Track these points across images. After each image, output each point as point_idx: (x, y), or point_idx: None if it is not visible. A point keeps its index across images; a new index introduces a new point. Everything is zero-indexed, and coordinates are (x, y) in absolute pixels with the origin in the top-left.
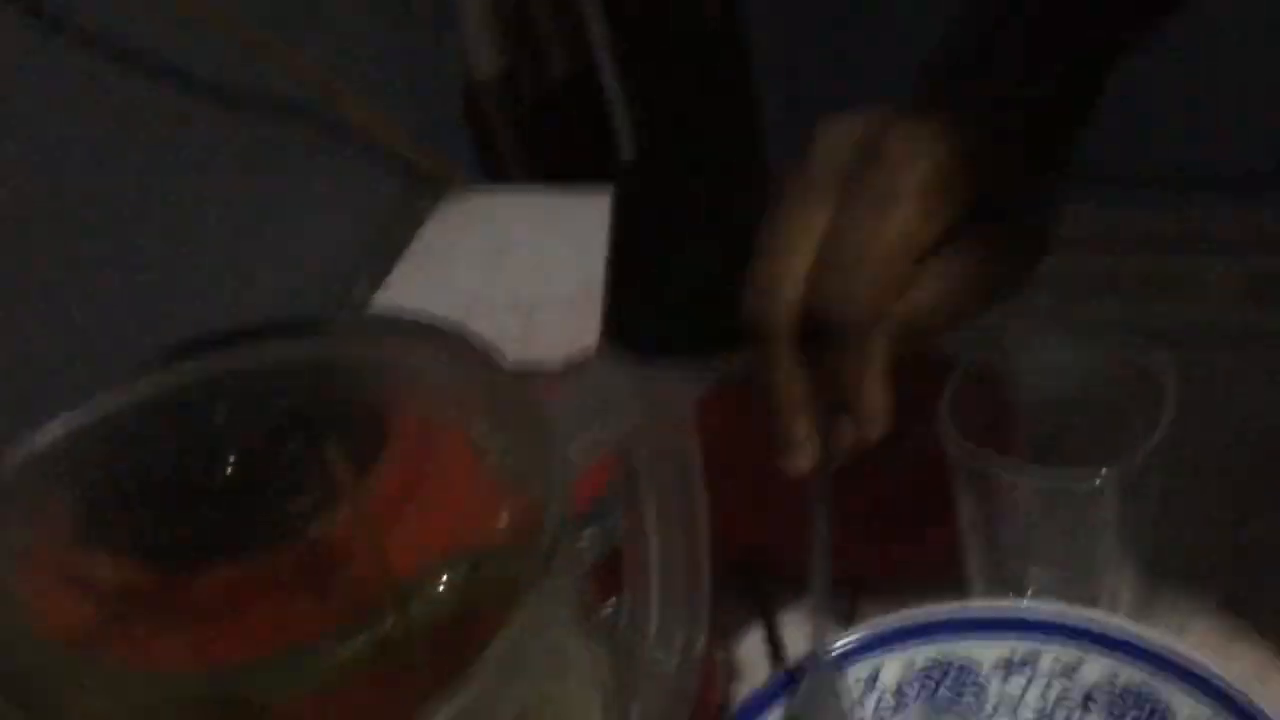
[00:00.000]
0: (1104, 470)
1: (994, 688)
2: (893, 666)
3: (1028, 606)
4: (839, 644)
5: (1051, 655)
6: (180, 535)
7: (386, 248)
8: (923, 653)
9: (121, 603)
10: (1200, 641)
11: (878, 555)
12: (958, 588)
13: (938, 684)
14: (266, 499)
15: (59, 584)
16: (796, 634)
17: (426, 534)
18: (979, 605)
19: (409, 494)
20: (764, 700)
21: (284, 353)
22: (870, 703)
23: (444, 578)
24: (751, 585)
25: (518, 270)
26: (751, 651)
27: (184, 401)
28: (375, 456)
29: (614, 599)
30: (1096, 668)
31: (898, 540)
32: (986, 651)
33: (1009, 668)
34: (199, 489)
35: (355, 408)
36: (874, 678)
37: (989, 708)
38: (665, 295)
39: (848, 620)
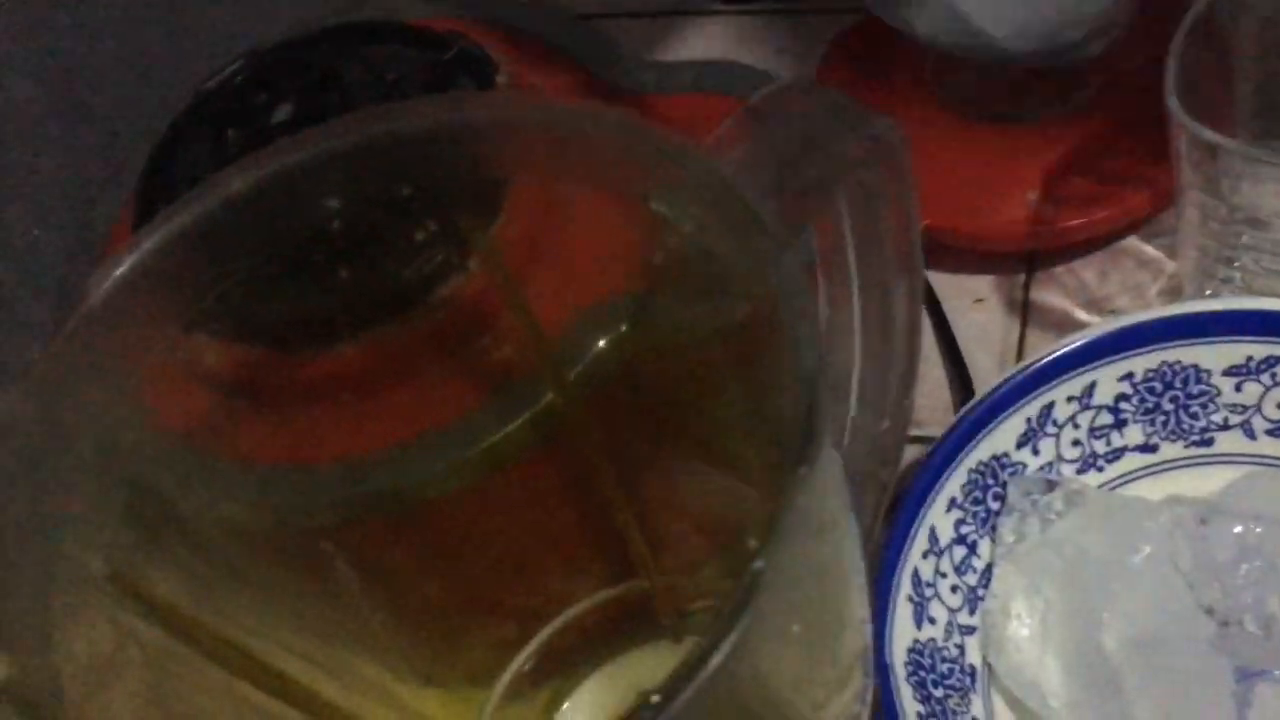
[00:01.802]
0: None
1: (1225, 396)
2: (1108, 380)
3: (1269, 304)
4: (1046, 356)
5: None
6: (297, 315)
7: None
8: (1142, 362)
9: (242, 394)
10: None
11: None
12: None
13: (1160, 397)
14: (386, 268)
15: (178, 380)
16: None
17: (571, 283)
18: (1209, 304)
19: (544, 241)
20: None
21: (394, 122)
22: (1085, 421)
23: (603, 333)
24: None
25: None
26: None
27: (283, 182)
28: (498, 212)
29: None
30: None
31: (1083, 206)
32: (1217, 357)
33: (1244, 373)
34: (311, 268)
35: (478, 173)
36: (1088, 393)
37: (1219, 419)
38: None
39: (1021, 316)
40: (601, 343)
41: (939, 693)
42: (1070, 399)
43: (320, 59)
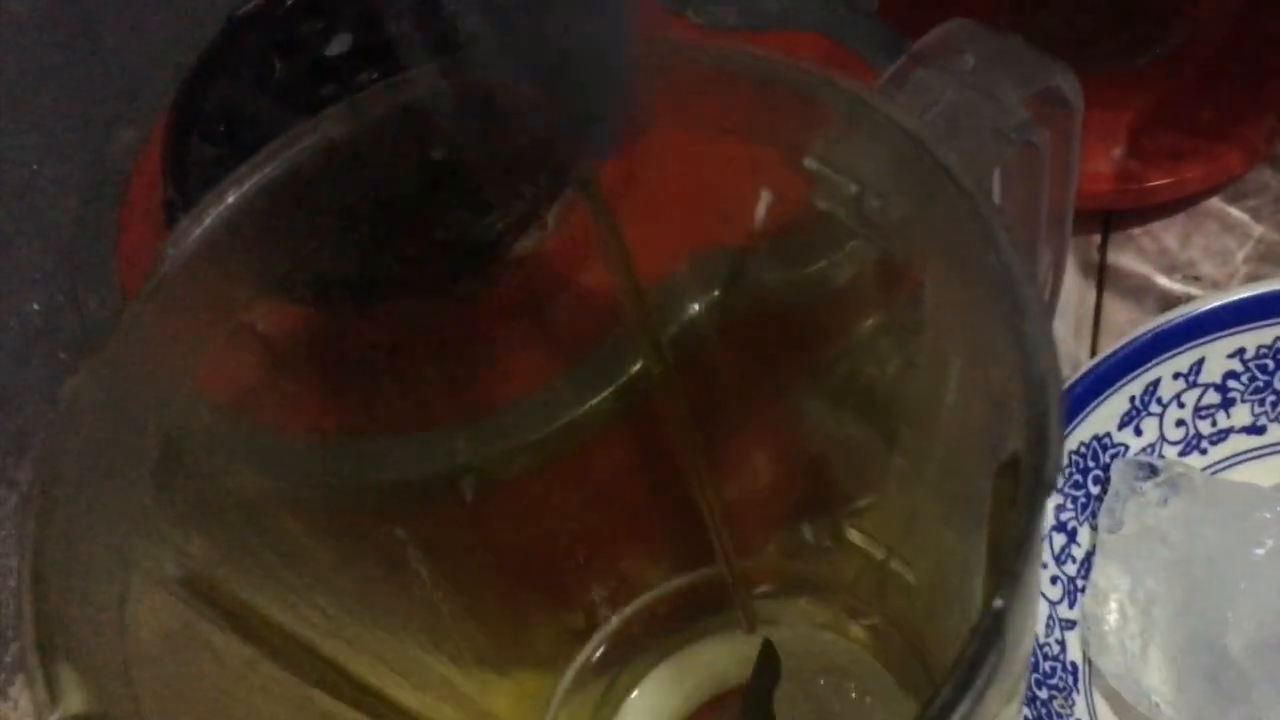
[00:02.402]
0: None
1: None
2: (1218, 356)
3: None
4: (1153, 330)
5: None
6: (369, 275)
7: None
8: (1254, 338)
9: (306, 363)
10: None
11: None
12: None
13: (1272, 375)
14: (460, 222)
15: (241, 351)
16: None
17: (665, 235)
18: None
19: (635, 184)
20: None
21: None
22: (1190, 400)
23: (697, 294)
24: None
25: None
26: None
27: (389, 128)
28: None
29: None
30: None
31: (1171, 163)
32: None
33: None
34: (401, 225)
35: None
36: (1196, 370)
37: None
38: None
39: (1097, 280)
40: (696, 305)
41: (1044, 694)
42: (1177, 376)
43: None
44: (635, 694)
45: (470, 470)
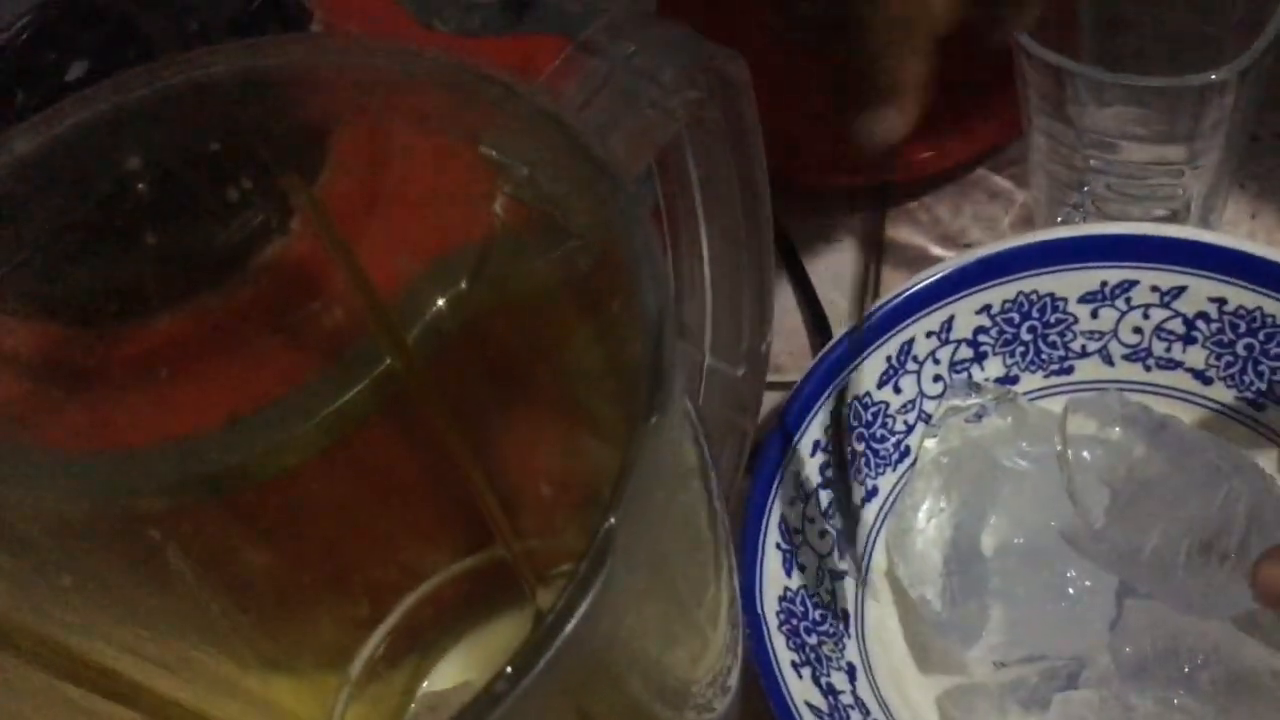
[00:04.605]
0: (1217, 72)
1: (1083, 323)
2: (966, 312)
3: (1122, 228)
4: (902, 293)
5: (1149, 282)
6: (103, 287)
7: None
8: (999, 294)
9: (51, 376)
10: None
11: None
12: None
13: (1018, 327)
14: (199, 233)
15: None
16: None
17: (408, 239)
18: (1061, 231)
19: (376, 195)
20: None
21: (194, 70)
22: (945, 356)
23: (442, 291)
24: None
25: None
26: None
27: (74, 141)
28: (321, 167)
29: None
30: (1202, 292)
31: (933, 138)
32: (1072, 284)
33: (1100, 299)
34: (114, 235)
35: (294, 123)
36: (947, 327)
37: (1077, 347)
38: None
39: (876, 255)
40: (440, 301)
41: (812, 640)
42: (929, 334)
43: (116, 10)
44: (428, 681)
45: (230, 471)
